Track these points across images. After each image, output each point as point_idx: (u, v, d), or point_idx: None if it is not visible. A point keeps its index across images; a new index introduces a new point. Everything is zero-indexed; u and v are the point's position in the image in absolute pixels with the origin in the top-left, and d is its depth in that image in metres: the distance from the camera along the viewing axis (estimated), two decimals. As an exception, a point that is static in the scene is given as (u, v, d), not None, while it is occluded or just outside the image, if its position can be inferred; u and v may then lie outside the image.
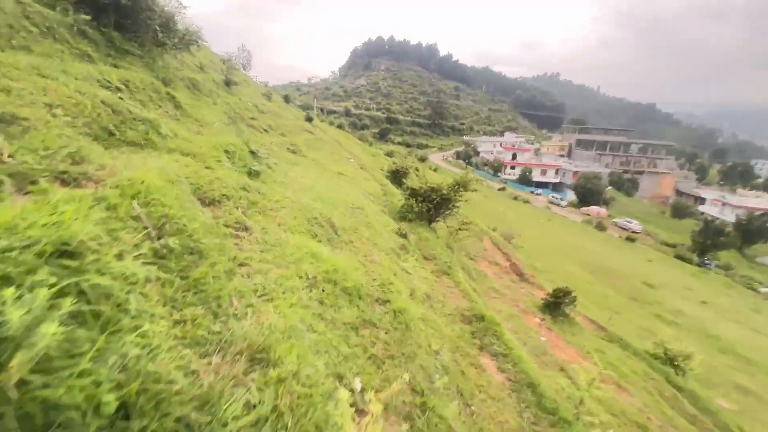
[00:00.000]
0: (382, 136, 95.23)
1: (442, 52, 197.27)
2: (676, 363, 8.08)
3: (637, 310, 14.75)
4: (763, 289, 33.63)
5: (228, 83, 17.08)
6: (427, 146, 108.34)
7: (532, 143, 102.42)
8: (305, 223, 4.55)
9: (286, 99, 39.65)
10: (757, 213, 66.71)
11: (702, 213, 77.13)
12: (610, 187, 65.44)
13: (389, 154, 33.32)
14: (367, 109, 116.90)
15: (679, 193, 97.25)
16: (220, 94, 13.73)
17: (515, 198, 46.97)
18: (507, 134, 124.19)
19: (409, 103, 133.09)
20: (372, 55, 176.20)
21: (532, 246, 21.03)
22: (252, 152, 6.08)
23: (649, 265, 26.08)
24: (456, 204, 10.07)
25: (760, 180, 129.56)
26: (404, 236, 7.72)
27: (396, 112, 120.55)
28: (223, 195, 3.90)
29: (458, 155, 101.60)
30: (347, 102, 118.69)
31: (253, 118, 13.64)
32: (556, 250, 21.63)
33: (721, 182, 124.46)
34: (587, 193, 64.78)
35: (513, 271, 11.19)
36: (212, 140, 5.13)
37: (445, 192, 9.72)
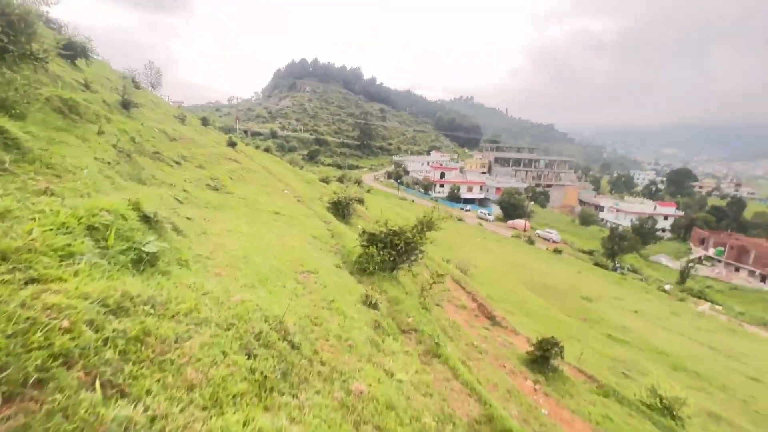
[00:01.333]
0: (312, 158, 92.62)
1: (366, 76, 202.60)
2: (675, 413, 7.49)
3: (591, 333, 14.66)
4: (667, 286, 38.08)
5: (126, 105, 13.85)
6: (357, 167, 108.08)
7: (457, 161, 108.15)
8: (241, 362, 2.54)
9: (204, 122, 35.58)
10: (645, 216, 77.76)
11: (603, 219, 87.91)
12: (532, 202, 70.73)
13: (325, 180, 31.30)
14: (295, 130, 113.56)
15: (581, 202, 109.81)
16: (112, 119, 10.73)
17: (449, 216, 47.86)
18: (433, 153, 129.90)
19: (337, 125, 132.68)
20: (296, 77, 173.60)
21: (480, 270, 20.58)
22: (146, 218, 3.84)
23: (579, 276, 27.60)
24: (422, 249, 8.66)
25: (639, 188, 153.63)
26: (374, 306, 5.97)
27: (324, 134, 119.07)
28: (64, 358, 1.81)
29: (389, 175, 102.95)
30: (272, 123, 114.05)
31: (157, 153, 10.79)
32: (503, 273, 21.57)
33: (611, 191, 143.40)
34: (511, 208, 69.46)
35: (482, 313, 10.06)
36: (62, 211, 2.86)
37: (409, 236, 8.24)
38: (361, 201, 17.50)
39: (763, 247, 55.90)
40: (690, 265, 42.18)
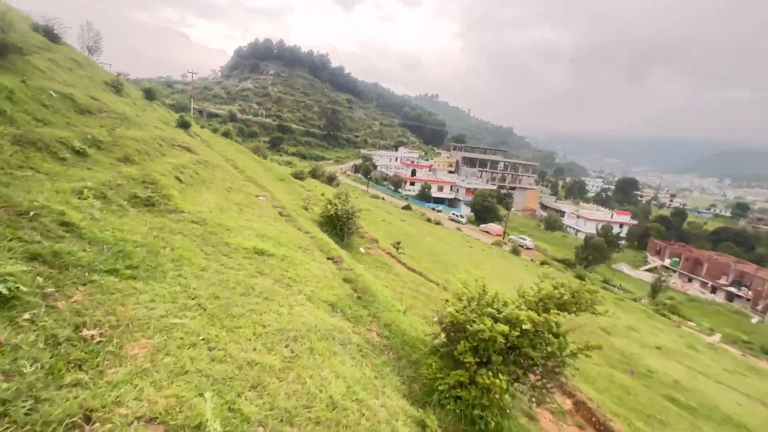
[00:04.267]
0: (274, 146, 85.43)
1: (334, 64, 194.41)
2: None
3: (654, 398, 11.78)
4: (643, 300, 37.59)
5: (3, 52, 8.55)
6: (323, 158, 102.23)
7: (427, 159, 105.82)
8: None
9: (149, 94, 28.91)
10: (607, 225, 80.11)
11: (565, 225, 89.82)
12: (505, 208, 69.64)
13: (298, 177, 26.26)
14: (256, 115, 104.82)
15: (543, 206, 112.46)
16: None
17: (428, 220, 44.61)
18: (401, 149, 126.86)
19: (302, 112, 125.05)
20: (259, 58, 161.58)
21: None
22: None
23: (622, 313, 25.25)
24: (563, 363, 4.47)
25: (591, 195, 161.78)
26: None
27: (288, 120, 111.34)
28: None
29: (357, 168, 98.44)
30: (232, 105, 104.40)
31: (43, 122, 5.89)
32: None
33: (566, 197, 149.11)
34: (483, 211, 67.97)
35: (586, 420, 6.47)
36: None
37: (541, 330, 4.27)
38: (358, 214, 13.23)
39: (715, 260, 58.88)
40: (662, 279, 42.39)
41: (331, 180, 38.45)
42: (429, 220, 44.83)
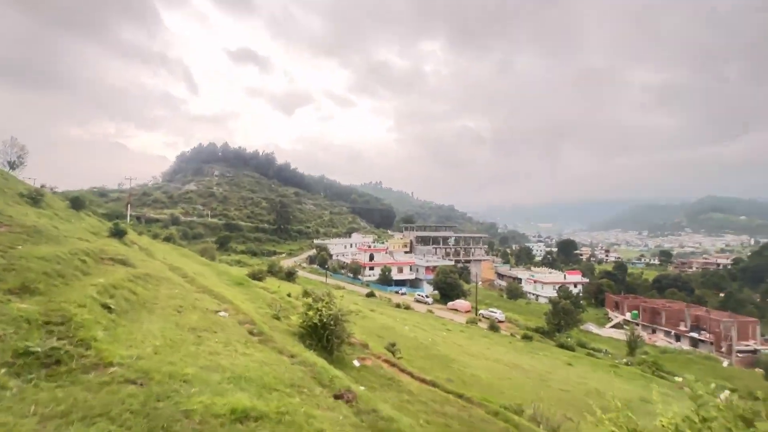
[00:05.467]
0: (222, 246, 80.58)
1: (280, 161, 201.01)
2: None
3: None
4: (625, 360, 36.36)
5: None
6: (275, 252, 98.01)
7: (382, 242, 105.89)
8: None
9: (76, 203, 25.67)
10: (565, 286, 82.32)
11: (525, 292, 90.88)
12: (466, 281, 69.15)
13: (257, 277, 23.29)
14: (201, 215, 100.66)
15: (499, 275, 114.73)
16: None
17: (397, 305, 41.96)
18: (354, 235, 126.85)
19: (249, 209, 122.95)
20: (204, 161, 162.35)
21: (500, 387, 14.77)
22: None
23: (578, 372, 23.36)
24: None
25: (539, 258, 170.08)
26: None
27: (236, 218, 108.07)
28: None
29: (312, 260, 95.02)
30: (174, 209, 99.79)
31: None
32: (520, 386, 15.98)
33: (516, 263, 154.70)
34: (448, 288, 66.69)
35: None
36: None
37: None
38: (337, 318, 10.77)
39: (669, 308, 61.44)
40: (636, 335, 42.30)
41: (290, 275, 35.38)
42: (398, 305, 42.20)
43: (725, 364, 47.47)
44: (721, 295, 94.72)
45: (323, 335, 9.39)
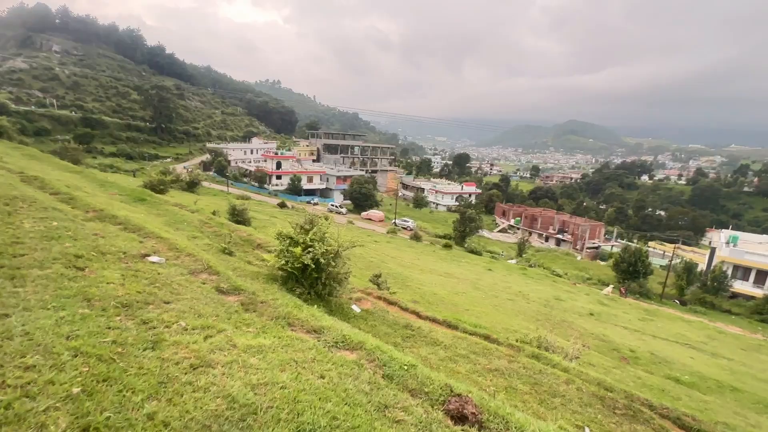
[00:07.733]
0: (83, 146, 63.76)
1: (150, 42, 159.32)
2: None
3: (661, 384, 11.33)
4: (512, 261, 42.56)
5: None
6: (158, 156, 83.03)
7: (288, 149, 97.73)
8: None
9: None
10: (465, 196, 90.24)
11: (428, 201, 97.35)
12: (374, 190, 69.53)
13: (157, 189, 17.99)
14: (42, 105, 76.40)
15: (404, 185, 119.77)
16: None
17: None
18: (254, 140, 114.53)
19: (114, 100, 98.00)
20: (32, 29, 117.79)
21: (462, 304, 14.89)
22: None
23: (499, 277, 25.68)
24: None
25: (437, 171, 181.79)
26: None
27: (97, 112, 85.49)
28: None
29: (206, 166, 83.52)
30: (-5, 92, 73.00)
31: None
32: (476, 301, 16.50)
33: (417, 175, 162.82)
34: (362, 198, 66.61)
35: None
36: None
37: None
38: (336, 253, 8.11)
39: (544, 215, 73.09)
40: (525, 239, 49.25)
41: (192, 186, 29.46)
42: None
43: (578, 258, 60.12)
44: (575, 203, 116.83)
45: (317, 279, 6.93)
